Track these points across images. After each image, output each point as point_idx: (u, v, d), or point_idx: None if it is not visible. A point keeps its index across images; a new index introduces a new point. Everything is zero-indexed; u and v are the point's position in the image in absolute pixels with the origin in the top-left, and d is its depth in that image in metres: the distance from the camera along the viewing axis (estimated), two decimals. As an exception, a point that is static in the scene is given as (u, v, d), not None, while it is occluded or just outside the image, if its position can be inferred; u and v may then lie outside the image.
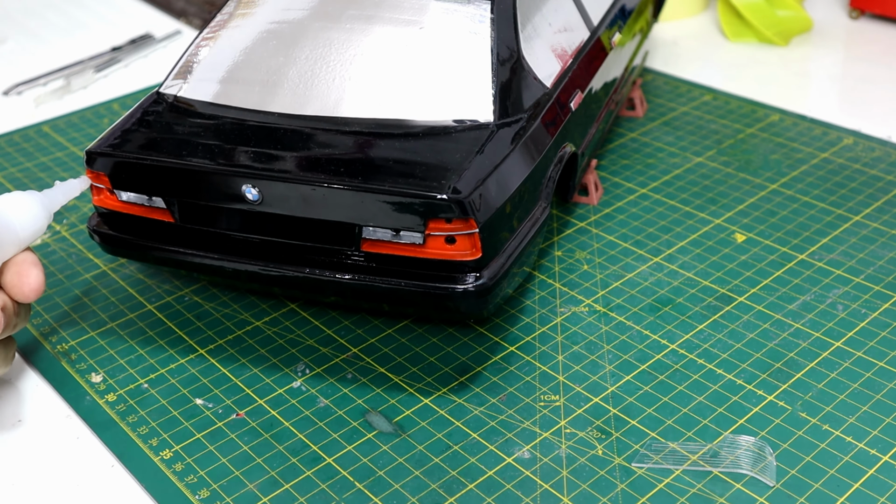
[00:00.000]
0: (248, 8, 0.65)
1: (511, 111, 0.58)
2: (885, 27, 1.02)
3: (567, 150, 0.63)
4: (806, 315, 0.62)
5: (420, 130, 0.57)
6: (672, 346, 0.60)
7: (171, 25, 1.11)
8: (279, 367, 0.60)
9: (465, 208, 0.52)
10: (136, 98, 0.94)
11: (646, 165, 0.79)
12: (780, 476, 0.52)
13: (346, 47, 0.61)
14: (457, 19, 0.61)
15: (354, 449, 0.54)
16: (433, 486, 0.52)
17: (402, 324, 0.63)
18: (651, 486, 0.51)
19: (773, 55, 0.98)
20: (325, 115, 0.58)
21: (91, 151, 0.58)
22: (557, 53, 0.65)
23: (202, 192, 0.57)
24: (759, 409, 0.56)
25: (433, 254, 0.54)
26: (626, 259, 0.68)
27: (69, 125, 0.90)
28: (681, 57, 0.98)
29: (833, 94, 0.91)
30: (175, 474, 0.53)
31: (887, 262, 0.67)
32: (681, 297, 0.64)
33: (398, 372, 0.59)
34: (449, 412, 0.56)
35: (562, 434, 0.54)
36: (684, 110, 0.87)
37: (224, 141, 0.58)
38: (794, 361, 0.59)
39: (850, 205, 0.73)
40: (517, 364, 0.60)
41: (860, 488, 0.51)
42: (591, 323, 0.62)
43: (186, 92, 0.62)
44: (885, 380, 0.57)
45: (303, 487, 0.52)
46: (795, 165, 0.78)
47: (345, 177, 0.54)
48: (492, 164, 0.55)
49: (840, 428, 0.54)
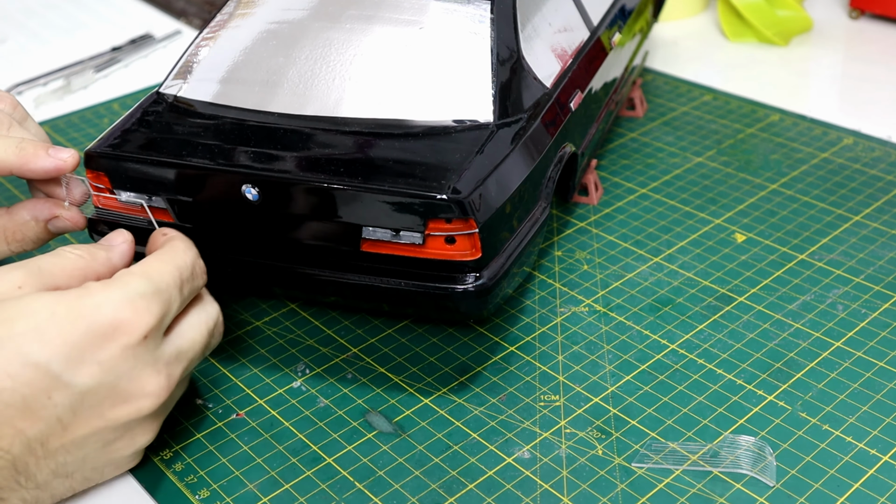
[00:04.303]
0: (248, 8, 0.65)
1: (511, 111, 0.58)
2: (885, 27, 1.02)
3: (567, 150, 0.63)
4: (806, 315, 0.62)
5: (420, 130, 0.57)
6: (672, 346, 0.60)
7: (171, 25, 1.11)
8: (279, 367, 0.60)
9: (464, 208, 0.52)
10: (136, 98, 0.94)
11: (646, 165, 0.79)
12: (780, 476, 0.52)
13: (346, 47, 0.61)
14: (457, 19, 0.61)
15: (354, 449, 0.54)
16: (433, 486, 0.52)
17: (402, 324, 0.63)
18: (651, 486, 0.51)
19: (773, 55, 0.98)
20: (325, 115, 0.58)
21: (91, 151, 0.58)
22: (557, 53, 0.65)
23: (202, 192, 0.57)
24: (759, 409, 0.56)
25: (433, 254, 0.54)
26: (626, 259, 0.68)
27: (69, 125, 0.90)
28: (681, 57, 0.98)
29: (833, 94, 0.91)
30: (175, 474, 0.53)
31: (887, 262, 0.67)
32: (681, 297, 0.64)
33: (398, 372, 0.59)
34: (449, 412, 0.56)
35: (562, 434, 0.55)
36: (684, 110, 0.87)
37: (224, 141, 0.58)
38: (794, 361, 0.59)
39: (850, 205, 0.73)
40: (517, 364, 0.60)
41: (860, 488, 0.51)
42: (591, 323, 0.62)
43: (186, 92, 0.62)
44: (885, 380, 0.57)
45: (303, 487, 0.52)
46: (795, 165, 0.78)
47: (344, 177, 0.54)
48: (492, 164, 0.55)
49: (840, 428, 0.54)
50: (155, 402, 0.49)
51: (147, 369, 0.49)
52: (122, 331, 0.48)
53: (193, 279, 0.52)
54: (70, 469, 0.49)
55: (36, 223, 0.59)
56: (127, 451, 0.51)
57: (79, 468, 0.49)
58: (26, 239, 0.60)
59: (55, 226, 0.60)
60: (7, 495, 0.47)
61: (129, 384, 0.48)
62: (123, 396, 0.48)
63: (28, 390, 0.46)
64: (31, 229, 0.60)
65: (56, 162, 0.58)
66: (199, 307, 0.53)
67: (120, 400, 0.48)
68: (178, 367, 0.50)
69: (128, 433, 0.50)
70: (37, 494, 0.49)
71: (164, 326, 0.50)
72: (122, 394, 0.48)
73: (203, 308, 0.53)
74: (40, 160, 0.58)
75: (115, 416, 0.49)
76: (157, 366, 0.49)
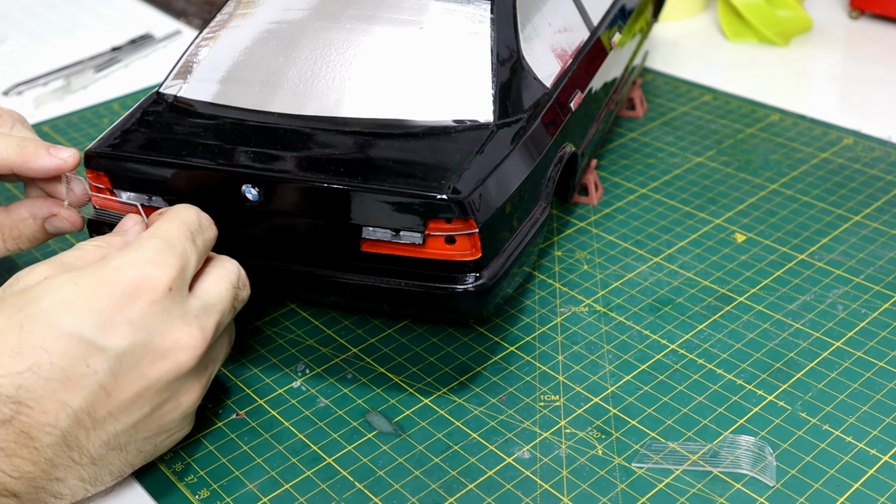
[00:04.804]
0: (248, 8, 0.65)
1: (511, 111, 0.58)
2: (885, 27, 1.02)
3: (567, 150, 0.63)
4: (806, 315, 0.62)
5: (420, 130, 0.57)
6: (672, 346, 0.60)
7: (171, 25, 1.11)
8: (279, 367, 0.60)
9: (464, 208, 0.52)
10: (136, 98, 0.94)
11: (646, 165, 0.79)
12: (780, 476, 0.52)
13: (346, 47, 0.61)
14: (457, 19, 0.61)
15: (354, 449, 0.54)
16: (433, 486, 0.52)
17: (402, 324, 0.63)
18: (651, 486, 0.51)
19: (773, 55, 0.98)
20: (325, 115, 0.58)
21: (91, 151, 0.58)
22: (557, 53, 0.65)
23: (202, 192, 0.57)
24: (759, 409, 0.56)
25: (433, 254, 0.54)
26: (626, 259, 0.68)
27: (69, 125, 0.90)
28: (681, 57, 0.98)
29: (833, 94, 0.91)
30: (175, 474, 0.53)
31: (887, 262, 0.67)
32: (681, 297, 0.64)
33: (398, 372, 0.59)
34: (449, 412, 0.56)
35: (562, 434, 0.55)
36: (684, 110, 0.87)
37: (224, 141, 0.58)
38: (794, 361, 0.59)
39: (850, 205, 0.73)
40: (517, 364, 0.60)
41: (860, 488, 0.51)
42: (591, 323, 0.62)
43: (186, 92, 0.62)
44: (885, 380, 0.57)
45: (303, 487, 0.52)
46: (795, 165, 0.78)
47: (344, 177, 0.54)
48: (492, 164, 0.55)
49: (840, 428, 0.54)
50: (192, 355, 0.50)
51: (177, 322, 0.49)
52: (146, 286, 0.49)
53: (203, 231, 0.53)
54: (122, 440, 0.49)
55: (34, 221, 0.60)
56: (175, 413, 0.51)
57: (131, 438, 0.50)
58: (22, 237, 0.60)
59: (52, 224, 0.60)
60: (63, 474, 0.48)
61: (163, 339, 0.49)
62: (160, 352, 0.49)
63: (65, 361, 0.47)
64: (28, 227, 0.60)
65: (57, 161, 0.58)
66: (217, 264, 0.54)
67: (158, 356, 0.49)
68: (209, 320, 0.51)
69: (172, 394, 0.50)
70: (94, 471, 0.49)
71: (186, 279, 0.50)
72: (159, 350, 0.49)
73: (222, 265, 0.54)
74: (41, 159, 0.58)
75: (155, 373, 0.49)
76: (187, 318, 0.50)
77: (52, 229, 0.60)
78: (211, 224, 0.54)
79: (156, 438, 0.51)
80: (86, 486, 0.49)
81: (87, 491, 0.50)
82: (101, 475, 0.49)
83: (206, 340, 0.50)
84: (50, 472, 0.47)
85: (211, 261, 0.54)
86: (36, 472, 0.46)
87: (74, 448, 0.47)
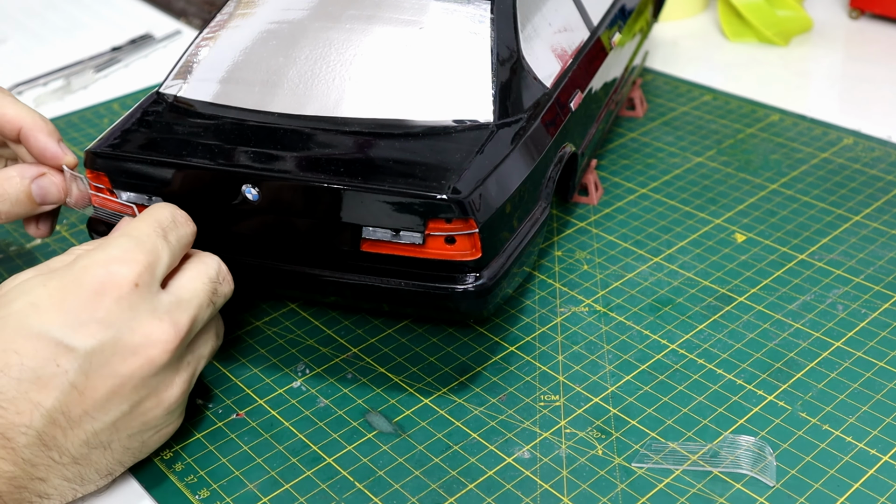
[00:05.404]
0: (248, 8, 0.65)
1: (511, 111, 0.58)
2: (885, 27, 1.02)
3: (567, 150, 0.63)
4: (806, 315, 0.62)
5: (420, 130, 0.57)
6: (672, 346, 0.60)
7: (171, 25, 1.11)
8: (279, 367, 0.60)
9: (464, 208, 0.52)
10: (136, 98, 0.94)
11: (646, 165, 0.79)
12: (780, 476, 0.52)
13: (346, 47, 0.61)
14: (457, 19, 0.61)
15: (354, 449, 0.54)
16: (433, 486, 0.52)
17: (402, 324, 0.63)
18: (651, 486, 0.51)
19: (773, 55, 0.98)
20: (325, 115, 0.58)
21: (91, 151, 0.58)
22: (557, 53, 0.65)
23: (202, 192, 0.57)
24: (759, 409, 0.56)
25: (433, 254, 0.54)
26: (626, 259, 0.68)
27: (69, 125, 0.90)
28: (681, 57, 0.98)
29: (833, 94, 0.91)
30: (175, 474, 0.53)
31: (887, 262, 0.67)
32: (681, 297, 0.64)
33: (398, 372, 0.59)
34: (449, 412, 0.56)
35: (562, 434, 0.55)
36: (684, 110, 0.87)
37: (224, 141, 0.58)
38: (794, 361, 0.59)
39: (850, 205, 0.73)
40: (517, 364, 0.60)
41: (860, 488, 0.51)
42: (591, 323, 0.62)
43: (186, 92, 0.62)
44: (885, 380, 0.57)
45: (303, 487, 0.52)
46: (795, 165, 0.78)
47: (344, 177, 0.54)
48: (492, 164, 0.55)
49: (840, 428, 0.54)
50: (164, 350, 0.49)
51: (146, 317, 0.49)
52: (112, 283, 0.49)
53: (177, 227, 0.53)
54: (104, 438, 0.49)
55: (21, 180, 0.60)
56: (158, 410, 0.51)
57: (114, 436, 0.49)
58: (6, 194, 0.59)
59: (40, 186, 0.60)
60: (45, 474, 0.48)
61: (133, 335, 0.49)
62: (130, 349, 0.49)
63: (35, 362, 0.47)
64: (13, 185, 0.60)
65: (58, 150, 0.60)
66: (195, 260, 0.54)
67: (128, 353, 0.49)
68: (182, 315, 0.50)
69: (152, 391, 0.50)
70: (78, 471, 0.49)
71: (156, 275, 0.50)
72: (129, 346, 0.49)
73: (200, 260, 0.54)
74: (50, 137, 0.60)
75: (127, 370, 0.49)
76: (158, 313, 0.49)
77: (39, 192, 0.60)
78: (187, 220, 0.54)
79: (142, 435, 0.51)
80: (73, 486, 0.49)
81: (75, 491, 0.49)
82: (87, 474, 0.49)
83: (179, 335, 0.50)
84: (31, 472, 0.47)
85: (190, 257, 0.54)
86: (16, 472, 0.46)
87: (53, 448, 0.47)
